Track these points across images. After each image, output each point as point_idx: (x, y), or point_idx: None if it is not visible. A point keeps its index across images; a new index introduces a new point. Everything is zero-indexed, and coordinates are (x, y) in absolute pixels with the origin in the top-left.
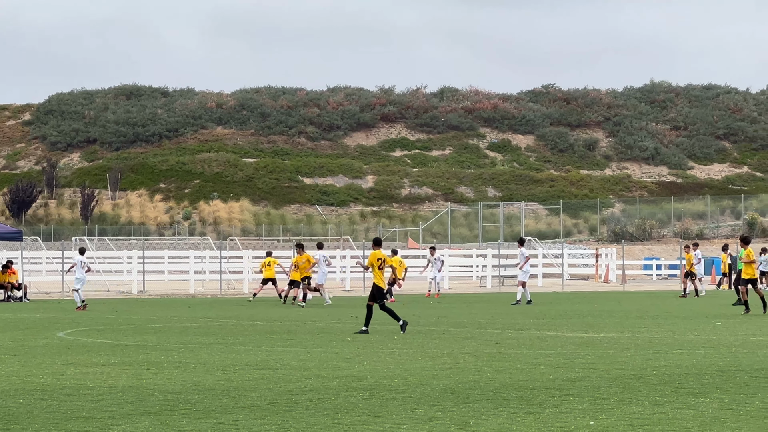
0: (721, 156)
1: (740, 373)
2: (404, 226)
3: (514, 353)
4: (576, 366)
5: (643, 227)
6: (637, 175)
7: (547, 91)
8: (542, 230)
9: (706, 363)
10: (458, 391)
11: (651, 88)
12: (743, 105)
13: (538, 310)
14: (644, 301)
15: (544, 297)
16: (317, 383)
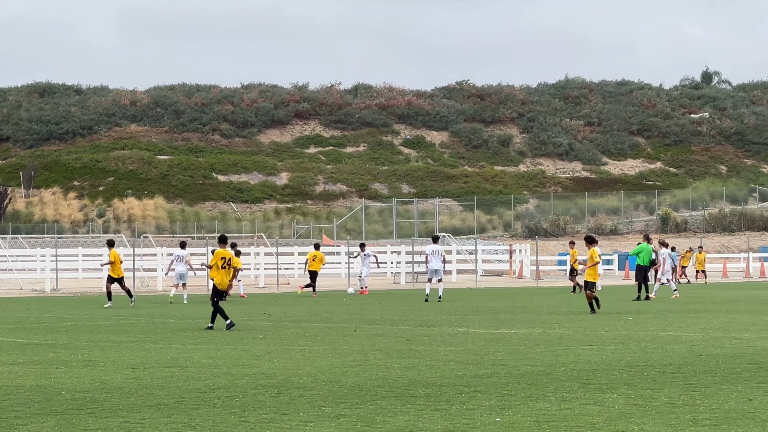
0: (635, 152)
1: (648, 368)
2: (318, 222)
3: (425, 350)
4: (485, 362)
5: (557, 223)
6: (552, 170)
7: (461, 88)
8: (457, 226)
9: (615, 359)
10: (367, 389)
11: (565, 84)
12: (656, 101)
13: (450, 307)
14: (557, 297)
15: (457, 293)
16: (226, 381)
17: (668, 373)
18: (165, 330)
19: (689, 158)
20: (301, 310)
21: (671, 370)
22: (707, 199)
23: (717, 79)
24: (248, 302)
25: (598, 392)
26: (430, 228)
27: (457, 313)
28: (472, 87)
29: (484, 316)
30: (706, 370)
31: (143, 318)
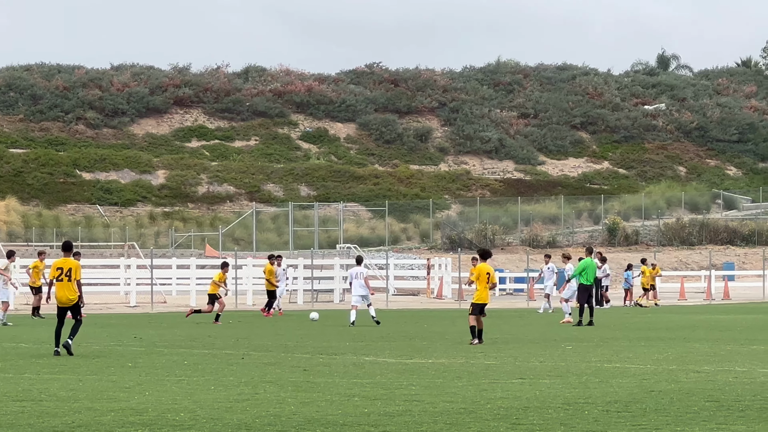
0: (578, 149)
1: (590, 406)
2: (201, 229)
3: (325, 382)
4: (397, 398)
5: (484, 233)
6: (478, 171)
7: (371, 72)
8: (365, 236)
9: (551, 394)
10: (255, 427)
11: (495, 69)
12: (604, 89)
13: (355, 332)
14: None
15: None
16: (88, 417)
17: (613, 412)
18: (16, 356)
19: (642, 158)
20: (179, 333)
21: (617, 408)
22: (663, 206)
23: (675, 65)
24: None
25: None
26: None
27: (364, 339)
28: (385, 71)
29: (395, 342)
30: (657, 408)
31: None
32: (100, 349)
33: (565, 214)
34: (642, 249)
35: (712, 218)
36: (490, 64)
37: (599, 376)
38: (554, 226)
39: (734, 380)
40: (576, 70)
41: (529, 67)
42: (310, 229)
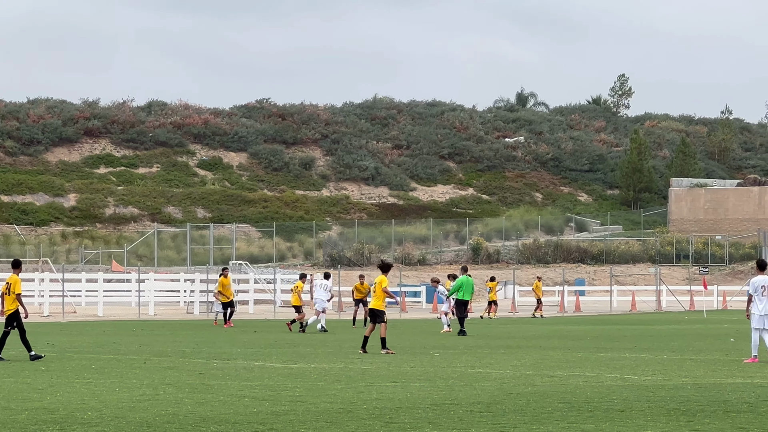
0: (446, 177)
1: (455, 407)
2: (108, 247)
3: (218, 384)
4: (282, 399)
5: (361, 252)
6: (356, 196)
7: (261, 106)
8: (254, 254)
9: (420, 396)
10: (155, 425)
11: (372, 105)
12: (469, 123)
13: (247, 339)
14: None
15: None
16: (4, 416)
17: (476, 412)
18: None
19: (503, 185)
20: (88, 340)
21: (479, 409)
22: (521, 228)
23: (533, 102)
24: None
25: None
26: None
27: (254, 346)
28: (273, 106)
29: (282, 349)
30: (516, 409)
31: None
32: (16, 355)
33: (434, 235)
34: (503, 266)
35: (565, 239)
36: (367, 100)
37: (464, 380)
38: (424, 246)
39: (584, 384)
40: (444, 106)
41: (402, 103)
42: (205, 247)
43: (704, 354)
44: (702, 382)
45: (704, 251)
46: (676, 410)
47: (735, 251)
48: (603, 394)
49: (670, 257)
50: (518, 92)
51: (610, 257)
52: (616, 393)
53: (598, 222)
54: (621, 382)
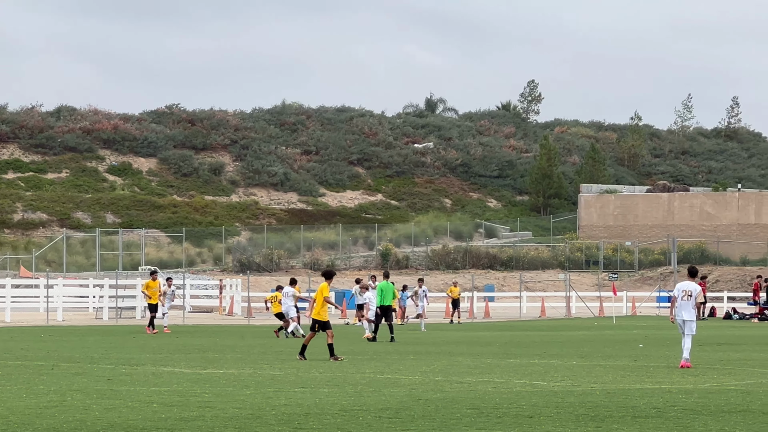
0: (355, 183)
1: (364, 412)
2: (16, 253)
3: (126, 390)
4: (191, 404)
5: (270, 257)
6: (266, 201)
7: (171, 112)
8: (164, 259)
9: (329, 402)
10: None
11: (281, 110)
12: (378, 129)
13: (155, 344)
14: (270, 337)
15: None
16: None
17: (385, 418)
18: None
19: (412, 190)
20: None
21: (388, 414)
22: (430, 234)
23: (442, 107)
24: None
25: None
26: (135, 260)
27: (163, 352)
28: (183, 111)
29: (191, 354)
30: (424, 415)
31: None
32: None
33: (343, 240)
34: (412, 273)
35: (474, 245)
36: (276, 106)
37: (373, 386)
38: (333, 252)
39: (493, 390)
40: (353, 112)
41: (311, 109)
42: (115, 252)
43: (613, 360)
44: (611, 387)
45: (614, 257)
46: (585, 416)
47: (644, 257)
48: (512, 400)
49: (580, 263)
50: (427, 98)
51: (520, 263)
52: (524, 399)
53: (507, 228)
54: (530, 388)
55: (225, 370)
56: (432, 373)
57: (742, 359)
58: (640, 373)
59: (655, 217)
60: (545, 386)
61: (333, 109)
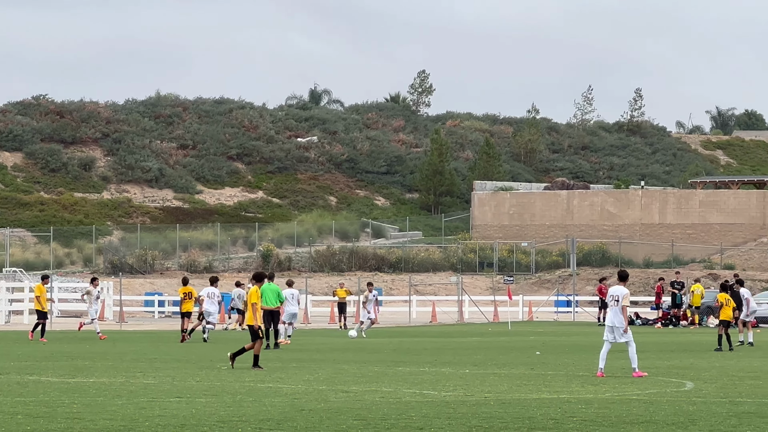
0: (234, 179)
1: (243, 424)
2: None
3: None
4: (58, 416)
5: (144, 258)
6: (139, 199)
7: (37, 103)
8: (30, 260)
9: (207, 413)
10: None
11: (156, 102)
12: (259, 122)
13: (21, 352)
14: (143, 343)
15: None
16: None
17: (265, 430)
18: None
19: (295, 187)
20: None
21: (269, 426)
22: (314, 234)
23: (327, 99)
24: None
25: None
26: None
27: (29, 359)
28: (51, 102)
29: (59, 362)
30: (308, 426)
31: None
32: None
33: (221, 240)
34: (294, 275)
35: (361, 246)
36: (151, 97)
37: (253, 395)
38: (211, 252)
39: (381, 400)
40: (233, 104)
41: (188, 101)
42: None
43: (508, 368)
44: (506, 397)
45: (509, 259)
46: (479, 427)
47: (542, 259)
48: (401, 411)
49: (473, 265)
50: (312, 89)
51: (409, 265)
52: (414, 409)
53: (396, 228)
54: (420, 398)
55: (95, 379)
56: (316, 382)
57: (645, 367)
58: (537, 382)
59: (554, 217)
60: (436, 396)
61: (211, 101)
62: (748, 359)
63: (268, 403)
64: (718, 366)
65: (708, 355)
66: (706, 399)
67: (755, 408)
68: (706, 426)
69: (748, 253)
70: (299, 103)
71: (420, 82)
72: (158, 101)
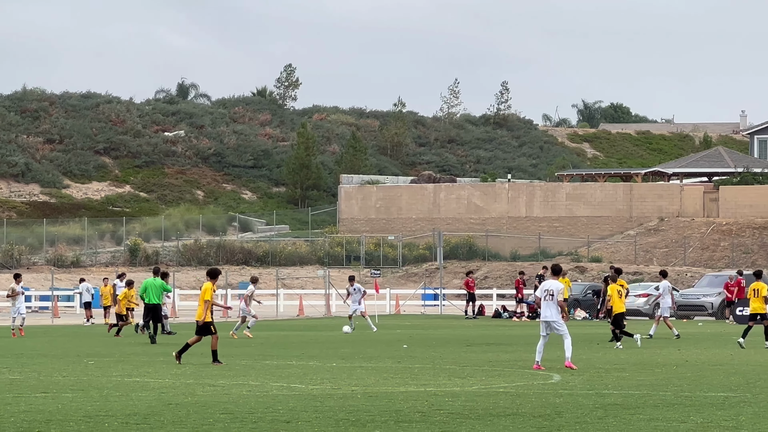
0: (101, 173)
1: (110, 419)
2: None
3: None
4: None
5: (10, 253)
6: (5, 194)
7: None
8: None
9: (73, 408)
10: None
11: (22, 96)
12: (126, 116)
13: None
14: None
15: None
16: None
17: (132, 424)
18: None
19: (162, 182)
20: None
21: (136, 420)
22: (182, 228)
23: (194, 93)
24: None
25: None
26: None
27: None
28: None
29: None
30: (175, 420)
31: None
32: None
33: (88, 235)
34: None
35: (228, 240)
36: (16, 91)
37: (120, 390)
38: (78, 247)
39: (248, 393)
40: (100, 98)
41: (54, 95)
42: None
43: (375, 361)
44: (373, 390)
45: (376, 252)
46: (346, 420)
47: (409, 252)
48: (268, 404)
49: (340, 259)
50: (179, 83)
51: (276, 259)
52: (282, 403)
53: (263, 221)
54: (287, 392)
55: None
56: (183, 376)
57: (512, 360)
58: (404, 375)
59: (420, 210)
60: (304, 389)
61: (78, 95)
62: (614, 351)
63: (135, 397)
64: (584, 359)
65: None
66: (573, 391)
67: (621, 399)
68: (573, 418)
69: (615, 245)
70: (167, 98)
71: (286, 76)
72: (24, 96)
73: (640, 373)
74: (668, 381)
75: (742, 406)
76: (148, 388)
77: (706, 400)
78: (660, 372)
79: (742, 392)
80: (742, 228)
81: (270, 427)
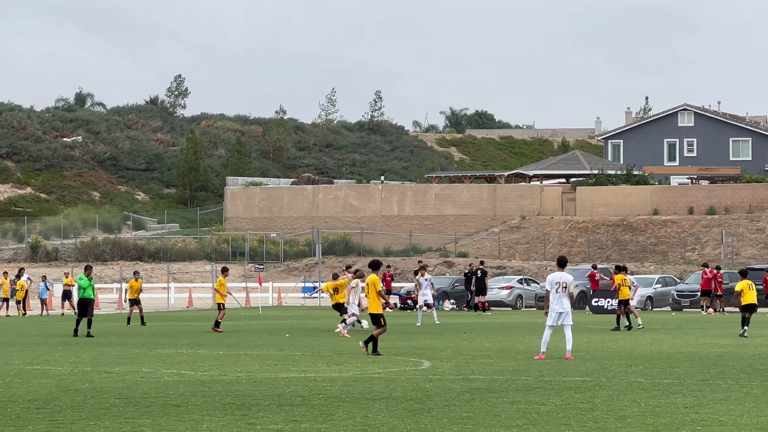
0: (4, 176)
1: (12, 404)
2: None
3: None
4: None
5: None
6: None
7: None
8: None
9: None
10: None
11: None
12: (27, 123)
13: None
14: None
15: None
16: None
17: (33, 409)
18: None
19: (61, 184)
20: None
21: (36, 405)
22: (80, 226)
23: (91, 102)
24: None
25: None
26: None
27: None
28: None
29: None
30: (73, 405)
31: None
32: None
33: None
34: (61, 264)
35: (123, 237)
36: None
37: (21, 377)
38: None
39: (141, 380)
40: (2, 106)
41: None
42: None
43: (259, 349)
44: (257, 376)
45: (260, 249)
46: (232, 404)
47: (290, 248)
48: (160, 390)
49: (227, 255)
50: (77, 92)
51: (168, 255)
52: (173, 388)
53: (155, 220)
54: (178, 378)
55: None
56: (81, 364)
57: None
58: (286, 362)
59: (300, 209)
60: (193, 376)
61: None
62: (480, 339)
63: (35, 384)
64: (453, 346)
65: (444, 337)
66: (442, 377)
67: (486, 384)
68: (442, 401)
69: (480, 242)
70: (65, 106)
71: (176, 85)
72: None
73: (504, 359)
74: (529, 367)
75: (598, 389)
76: (48, 375)
77: (564, 384)
78: (522, 359)
79: (597, 377)
80: (597, 225)
81: (162, 410)
